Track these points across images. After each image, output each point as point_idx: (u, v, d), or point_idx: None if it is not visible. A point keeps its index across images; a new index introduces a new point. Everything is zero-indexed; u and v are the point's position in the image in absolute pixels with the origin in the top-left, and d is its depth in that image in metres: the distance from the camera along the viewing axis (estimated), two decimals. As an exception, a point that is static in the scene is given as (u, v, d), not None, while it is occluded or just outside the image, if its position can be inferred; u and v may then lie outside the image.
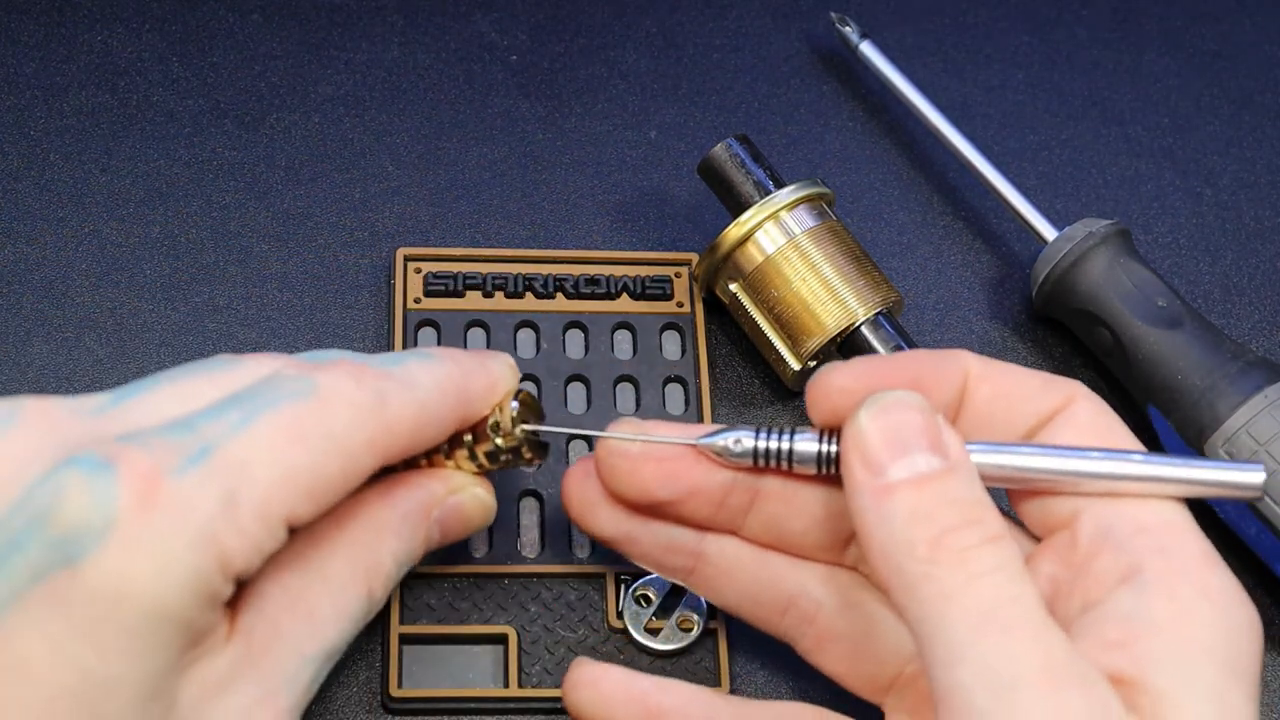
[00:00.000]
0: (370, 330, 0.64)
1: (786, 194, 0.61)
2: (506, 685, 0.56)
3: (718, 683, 0.57)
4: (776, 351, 0.62)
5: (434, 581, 0.57)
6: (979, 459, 0.48)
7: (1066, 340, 0.66)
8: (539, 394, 0.61)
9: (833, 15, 0.71)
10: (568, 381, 0.62)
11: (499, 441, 0.52)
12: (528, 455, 0.52)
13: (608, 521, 0.53)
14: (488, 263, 0.64)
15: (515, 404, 0.52)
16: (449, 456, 0.52)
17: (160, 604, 0.43)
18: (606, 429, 0.52)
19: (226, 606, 0.46)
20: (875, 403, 0.48)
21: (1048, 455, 0.49)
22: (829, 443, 0.50)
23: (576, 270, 0.64)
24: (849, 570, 0.54)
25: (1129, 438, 0.50)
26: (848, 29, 0.70)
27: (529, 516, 0.59)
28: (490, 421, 0.52)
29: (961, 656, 0.43)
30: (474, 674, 0.56)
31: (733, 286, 0.62)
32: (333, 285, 0.65)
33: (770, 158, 0.64)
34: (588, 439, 0.60)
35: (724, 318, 0.64)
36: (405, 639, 0.56)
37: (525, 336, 0.63)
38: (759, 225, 0.61)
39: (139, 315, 0.63)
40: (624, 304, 0.64)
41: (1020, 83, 0.74)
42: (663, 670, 0.56)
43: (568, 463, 0.60)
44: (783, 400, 0.64)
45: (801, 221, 0.61)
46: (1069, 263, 0.63)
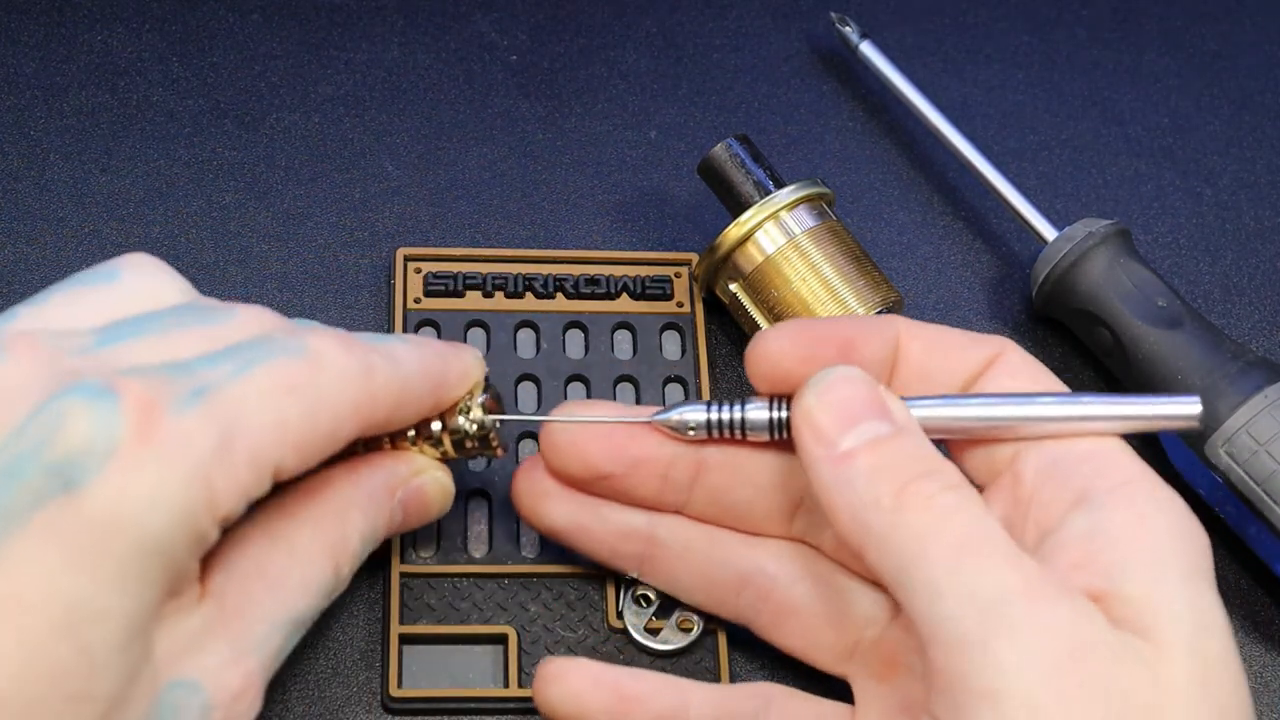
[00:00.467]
0: (370, 330, 0.64)
1: (786, 194, 0.61)
2: (506, 685, 0.56)
3: (718, 682, 0.57)
4: (776, 351, 0.62)
5: (434, 581, 0.57)
6: (921, 414, 0.50)
7: (1066, 340, 0.66)
8: (539, 393, 0.62)
9: (833, 15, 0.71)
10: (568, 381, 0.62)
11: (468, 429, 0.53)
12: (494, 443, 0.53)
13: (558, 512, 0.55)
14: (488, 263, 0.64)
15: (485, 395, 0.53)
16: (413, 442, 0.53)
17: (152, 537, 0.43)
18: (553, 411, 0.54)
19: (200, 567, 0.47)
20: (819, 381, 0.49)
21: (991, 404, 0.50)
22: (778, 409, 0.52)
23: (576, 270, 0.64)
24: (799, 543, 0.55)
25: (1060, 387, 0.51)
26: (848, 29, 0.70)
27: (529, 516, 0.59)
28: (460, 408, 0.53)
29: (943, 590, 0.44)
30: (474, 674, 0.56)
31: (733, 286, 0.62)
32: (332, 285, 0.65)
33: (770, 158, 0.64)
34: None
35: (724, 318, 0.64)
36: (405, 639, 0.56)
37: (525, 336, 0.63)
38: (759, 225, 0.61)
39: (139, 315, 0.63)
40: (624, 304, 0.64)
41: (1020, 83, 0.74)
42: (662, 670, 0.56)
43: None
44: (783, 400, 0.64)
45: (801, 221, 0.61)
46: (1069, 263, 0.63)
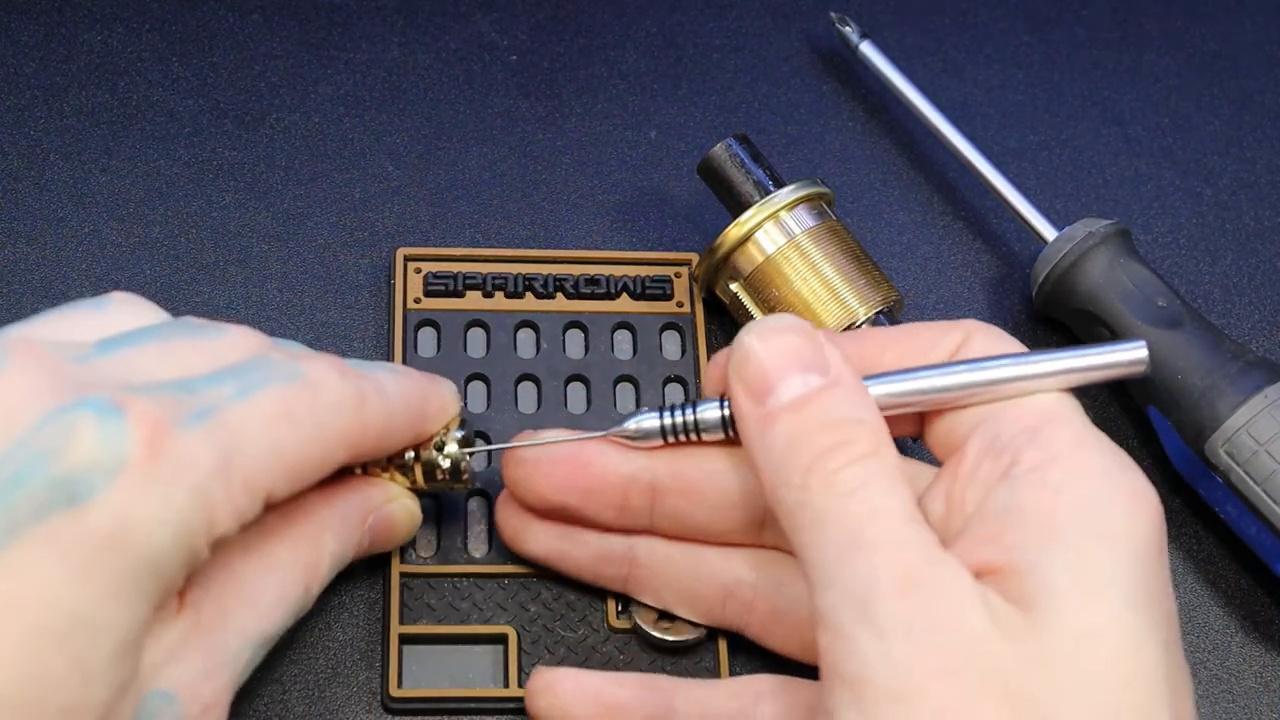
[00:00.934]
0: (370, 330, 0.64)
1: (786, 194, 0.61)
2: (506, 685, 0.56)
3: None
4: (776, 351, 0.62)
5: (434, 581, 0.57)
6: (875, 391, 0.50)
7: (1066, 340, 0.66)
8: (539, 393, 0.62)
9: (833, 15, 0.71)
10: (568, 381, 0.62)
11: (442, 463, 0.54)
12: (465, 477, 0.55)
13: (538, 541, 0.56)
14: (488, 263, 0.64)
15: (460, 432, 0.54)
16: (384, 470, 0.55)
17: (153, 553, 0.43)
18: (513, 439, 0.55)
19: None
20: (753, 328, 0.49)
21: (928, 374, 0.50)
22: (729, 407, 0.52)
23: (576, 270, 0.64)
24: (773, 550, 0.55)
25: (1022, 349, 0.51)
26: (848, 29, 0.70)
27: (529, 516, 0.59)
28: (435, 442, 0.54)
29: (830, 580, 0.45)
30: (474, 674, 0.56)
31: (733, 286, 0.62)
32: (332, 285, 0.65)
33: (770, 158, 0.64)
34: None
35: (724, 318, 0.64)
36: (405, 639, 0.56)
37: (525, 336, 0.63)
38: (759, 225, 0.61)
39: (139, 315, 0.63)
40: (624, 304, 0.64)
41: (1020, 83, 0.74)
42: (665, 669, 0.56)
43: None
44: (783, 400, 0.64)
45: (801, 221, 0.61)
46: (1069, 263, 0.63)
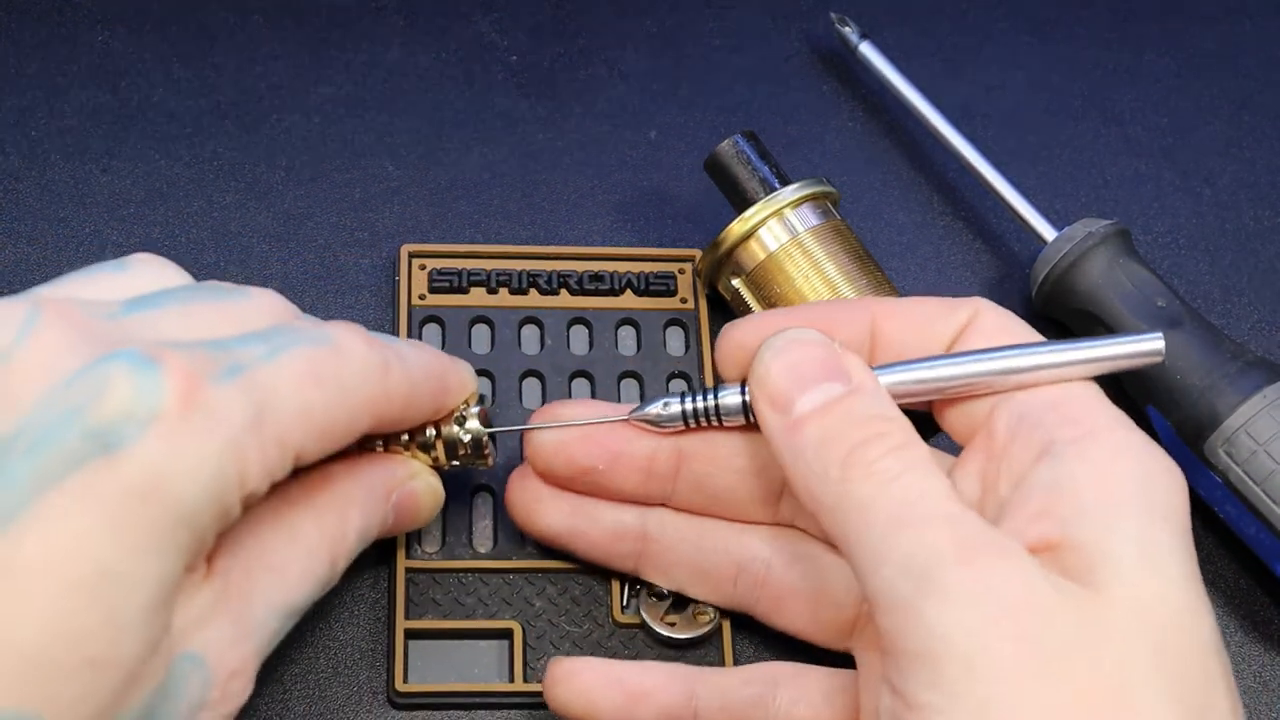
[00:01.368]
0: (372, 329, 0.63)
1: (791, 191, 0.61)
2: (512, 680, 0.56)
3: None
4: (778, 348, 0.62)
5: (439, 576, 0.57)
6: (888, 379, 0.50)
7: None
8: (543, 390, 0.62)
9: (833, 15, 0.71)
10: (572, 377, 0.62)
11: (462, 438, 0.54)
12: (486, 453, 0.54)
13: (551, 517, 0.56)
14: (492, 259, 0.64)
15: (479, 407, 0.54)
16: (406, 448, 0.54)
17: (185, 505, 0.43)
18: (535, 415, 0.55)
19: None
20: (772, 344, 0.50)
21: (955, 363, 0.50)
22: (749, 396, 0.52)
23: (580, 266, 0.64)
24: (787, 527, 0.56)
25: (1036, 338, 0.51)
26: (848, 29, 0.70)
27: (533, 512, 0.59)
28: (455, 417, 0.54)
29: (884, 559, 0.45)
30: (479, 668, 0.56)
31: (735, 282, 0.62)
32: (333, 285, 0.65)
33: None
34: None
35: (728, 314, 0.64)
36: (410, 634, 0.56)
37: (529, 332, 0.63)
38: (762, 222, 0.61)
39: (140, 314, 0.63)
40: (628, 300, 0.64)
41: (1020, 83, 0.74)
42: (669, 660, 0.56)
43: None
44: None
45: (805, 219, 0.61)
46: (1069, 263, 0.63)
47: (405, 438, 0.54)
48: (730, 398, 0.53)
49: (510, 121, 0.70)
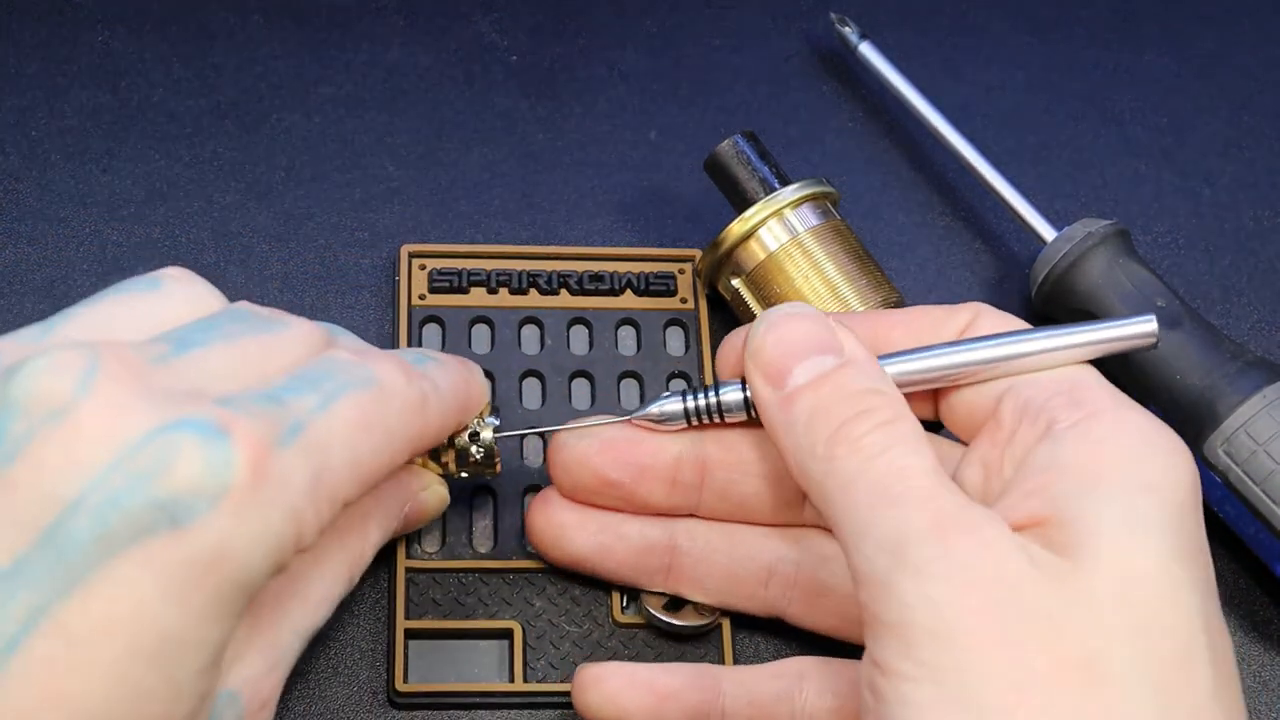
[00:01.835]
0: (372, 330, 0.64)
1: (791, 191, 0.61)
2: (512, 680, 0.56)
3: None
4: (779, 348, 0.62)
5: (439, 577, 0.57)
6: (891, 370, 0.51)
7: (1067, 339, 0.66)
8: (543, 389, 0.62)
9: (833, 15, 0.71)
10: (572, 377, 0.62)
11: (475, 453, 0.54)
12: (496, 462, 0.55)
13: (580, 540, 0.56)
14: (492, 259, 0.64)
15: (493, 419, 0.55)
16: (417, 457, 0.55)
17: (247, 573, 0.44)
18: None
19: None
20: (766, 318, 0.51)
21: (952, 351, 0.51)
22: (749, 388, 0.53)
23: (580, 266, 0.64)
24: (813, 528, 0.56)
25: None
26: (847, 29, 0.70)
27: (533, 512, 0.59)
28: (469, 430, 0.54)
29: (863, 534, 0.46)
30: (479, 669, 0.56)
31: (735, 282, 0.62)
32: (334, 285, 0.65)
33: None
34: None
35: (728, 314, 0.64)
36: (411, 634, 0.56)
37: (529, 332, 0.63)
38: (762, 222, 0.61)
39: (141, 314, 0.63)
40: (628, 300, 0.64)
41: (1020, 83, 0.74)
42: (669, 660, 0.57)
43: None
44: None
45: (805, 219, 0.61)
46: (1068, 263, 0.63)
47: None
48: (731, 393, 0.53)
49: (510, 121, 0.70)
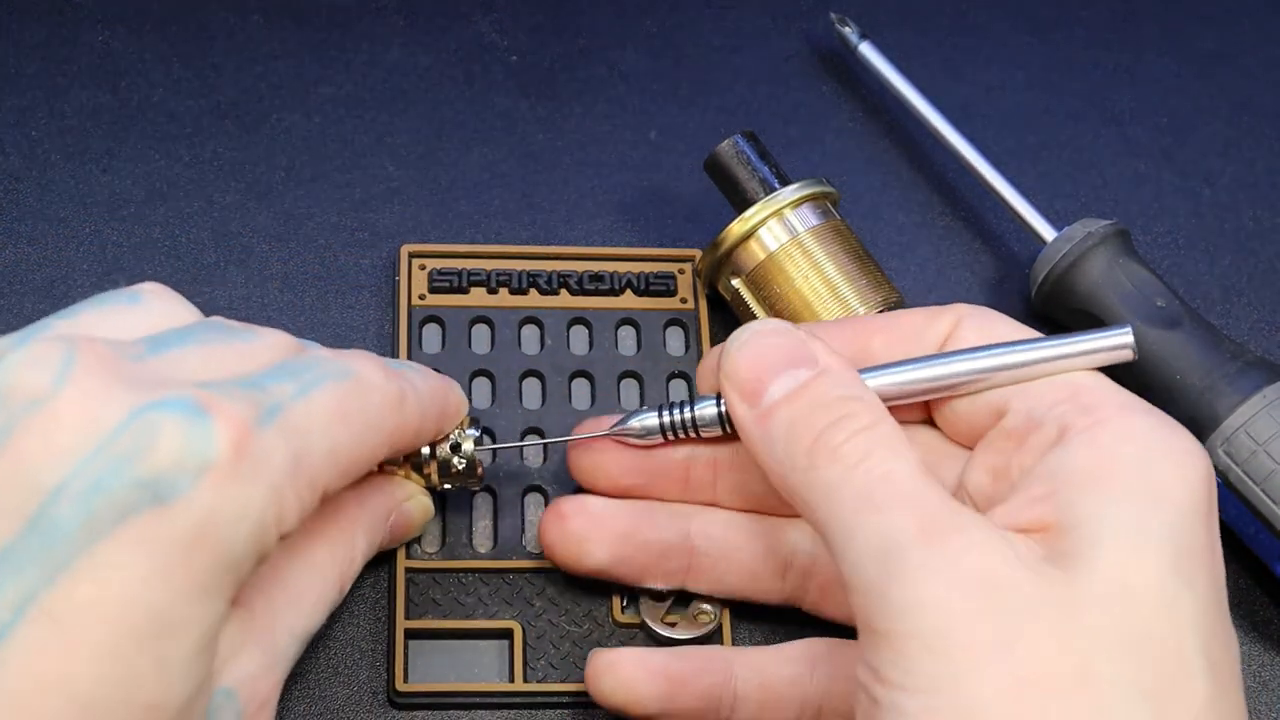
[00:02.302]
0: (372, 330, 0.64)
1: (790, 192, 0.61)
2: (512, 680, 0.56)
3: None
4: (778, 348, 0.62)
5: (439, 577, 0.58)
6: (872, 384, 0.51)
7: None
8: (543, 389, 0.62)
9: (833, 15, 0.71)
10: (572, 377, 0.62)
11: (457, 464, 0.55)
12: (479, 473, 0.55)
13: (600, 552, 0.56)
14: (492, 259, 0.64)
15: (474, 431, 0.55)
16: (400, 468, 0.55)
17: (232, 551, 0.44)
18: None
19: None
20: (737, 337, 0.51)
21: (922, 366, 0.51)
22: (724, 404, 0.53)
23: (580, 266, 0.64)
24: None
25: (1021, 331, 0.52)
26: (847, 29, 0.70)
27: (533, 512, 0.59)
28: (451, 442, 0.55)
29: (850, 541, 0.46)
30: (479, 668, 0.57)
31: (734, 283, 0.62)
32: (334, 285, 0.65)
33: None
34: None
35: (728, 314, 0.64)
36: (410, 634, 0.56)
37: (529, 332, 0.63)
38: (762, 222, 0.61)
39: (141, 315, 0.63)
40: (628, 300, 0.64)
41: (1020, 83, 0.74)
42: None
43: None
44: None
45: (805, 220, 0.61)
46: (1068, 263, 0.63)
47: (401, 459, 0.55)
48: (707, 409, 0.53)
49: (510, 121, 0.70)
